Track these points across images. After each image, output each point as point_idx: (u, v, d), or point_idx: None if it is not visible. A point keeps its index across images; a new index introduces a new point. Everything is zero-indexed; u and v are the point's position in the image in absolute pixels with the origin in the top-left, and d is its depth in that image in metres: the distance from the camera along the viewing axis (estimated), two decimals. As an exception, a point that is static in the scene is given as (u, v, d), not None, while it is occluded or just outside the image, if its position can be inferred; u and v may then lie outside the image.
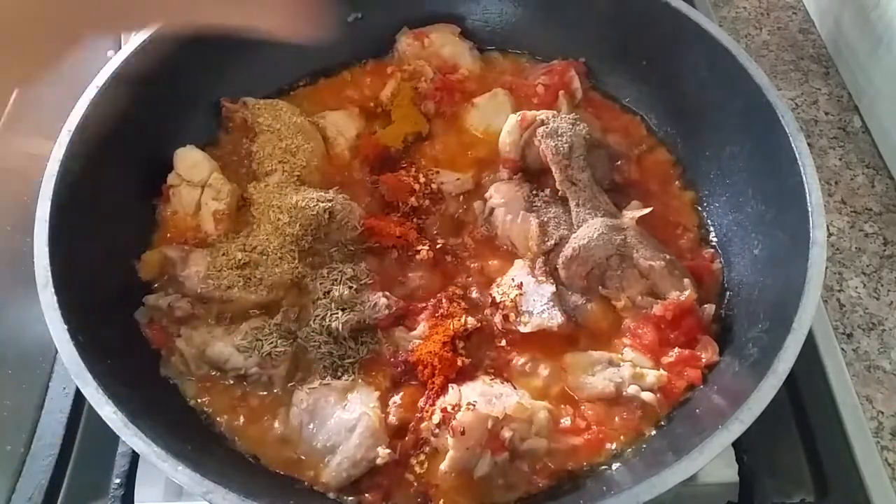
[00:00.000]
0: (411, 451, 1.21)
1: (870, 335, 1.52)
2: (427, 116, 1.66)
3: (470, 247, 1.47)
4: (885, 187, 1.76)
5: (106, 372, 1.08)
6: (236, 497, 0.96)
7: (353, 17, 1.74)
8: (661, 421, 1.24)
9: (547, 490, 1.19)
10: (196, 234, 1.45)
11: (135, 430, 1.01)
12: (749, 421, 1.01)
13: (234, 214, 1.46)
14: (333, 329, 1.28)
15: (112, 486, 1.23)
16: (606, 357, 1.29)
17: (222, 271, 1.33)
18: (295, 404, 1.24)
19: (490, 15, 1.78)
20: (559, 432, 1.22)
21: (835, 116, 1.90)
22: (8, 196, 1.60)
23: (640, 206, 1.45)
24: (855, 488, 1.26)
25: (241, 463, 1.22)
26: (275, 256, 1.35)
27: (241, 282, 1.33)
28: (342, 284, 1.33)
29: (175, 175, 1.46)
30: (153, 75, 1.43)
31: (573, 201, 1.43)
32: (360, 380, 1.27)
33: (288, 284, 1.36)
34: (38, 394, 1.37)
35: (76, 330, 1.10)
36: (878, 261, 1.64)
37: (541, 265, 1.38)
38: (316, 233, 1.38)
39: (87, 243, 1.27)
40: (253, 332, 1.28)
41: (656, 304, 1.31)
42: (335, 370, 1.28)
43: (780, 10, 2.17)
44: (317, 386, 1.25)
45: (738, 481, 1.23)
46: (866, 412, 1.40)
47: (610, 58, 1.69)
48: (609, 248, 1.35)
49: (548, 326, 1.30)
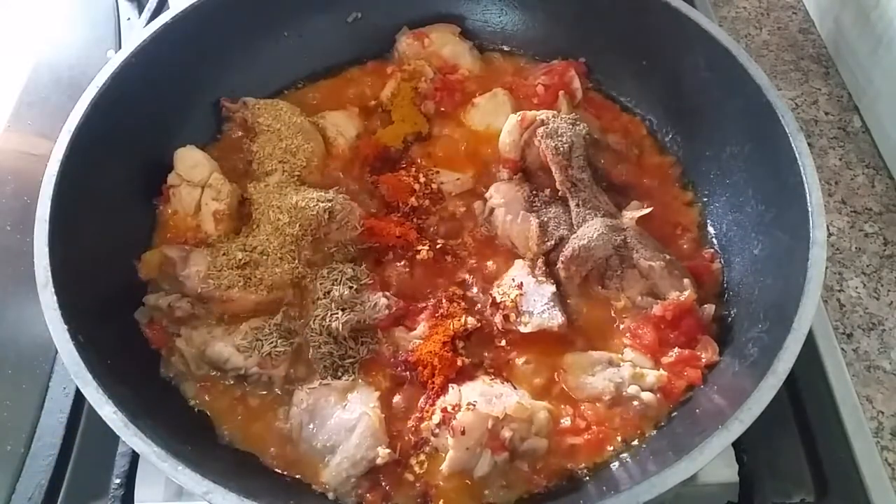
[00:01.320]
0: (411, 451, 1.21)
1: (870, 335, 1.52)
2: (427, 116, 1.66)
3: (470, 247, 1.47)
4: (885, 187, 1.76)
5: (106, 372, 1.08)
6: (236, 497, 0.96)
7: (353, 17, 1.74)
8: (661, 421, 1.24)
9: (547, 490, 1.19)
10: (196, 234, 1.45)
11: (135, 430, 1.01)
12: (749, 421, 1.01)
13: (234, 214, 1.46)
14: (333, 329, 1.28)
15: (112, 486, 1.23)
16: (606, 357, 1.29)
17: (222, 271, 1.33)
18: (295, 404, 1.24)
19: (490, 15, 1.78)
20: (559, 432, 1.22)
21: (835, 116, 1.90)
22: (8, 196, 1.60)
23: (639, 206, 1.45)
24: (855, 488, 1.26)
25: (241, 463, 1.22)
26: (275, 256, 1.35)
27: (241, 282, 1.33)
28: (342, 284, 1.33)
29: (175, 175, 1.46)
30: (153, 75, 1.44)
31: (573, 201, 1.43)
32: (360, 380, 1.27)
33: (288, 284, 1.36)
34: (38, 394, 1.37)
35: (76, 330, 1.10)
36: (878, 261, 1.64)
37: (541, 265, 1.38)
38: (316, 233, 1.38)
39: (87, 243, 1.27)
40: (253, 332, 1.28)
41: (656, 304, 1.31)
42: (335, 370, 1.28)
43: (780, 10, 2.17)
44: (317, 386, 1.25)
45: (738, 481, 1.23)
46: (866, 412, 1.40)
47: (610, 58, 1.69)
48: (609, 249, 1.35)
49: (548, 326, 1.30)
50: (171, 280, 1.36)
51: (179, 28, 1.47)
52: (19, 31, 2.02)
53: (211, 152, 1.53)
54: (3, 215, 1.55)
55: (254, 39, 1.64)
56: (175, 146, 1.48)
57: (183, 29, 1.47)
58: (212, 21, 1.53)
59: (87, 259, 1.25)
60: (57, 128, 1.29)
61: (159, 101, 1.48)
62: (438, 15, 1.77)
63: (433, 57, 1.72)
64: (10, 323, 1.46)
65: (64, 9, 2.09)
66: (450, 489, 1.17)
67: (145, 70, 1.42)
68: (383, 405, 1.24)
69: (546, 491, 1.19)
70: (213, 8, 1.52)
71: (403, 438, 1.22)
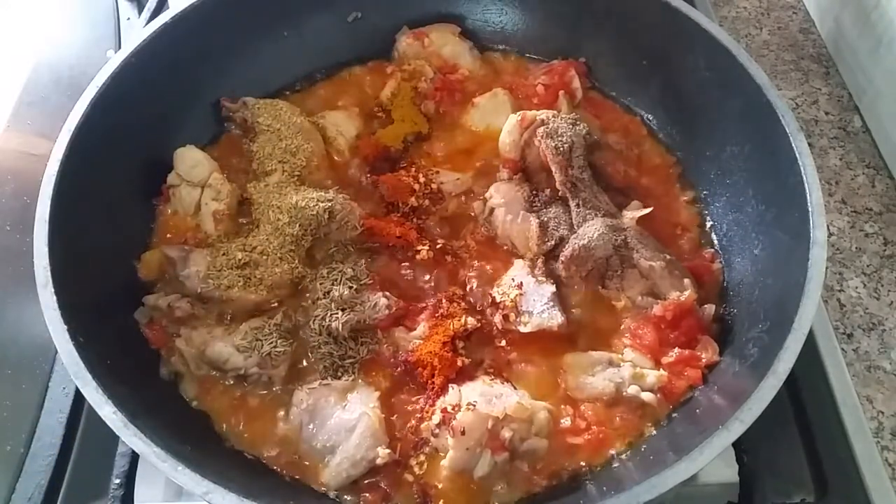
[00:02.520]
0: (411, 451, 1.21)
1: (870, 335, 1.52)
2: (427, 116, 1.66)
3: (471, 247, 1.47)
4: (886, 187, 1.76)
5: (106, 372, 1.08)
6: (236, 497, 0.96)
7: (353, 17, 1.74)
8: (662, 421, 1.24)
9: (547, 490, 1.19)
10: (196, 234, 1.45)
11: (135, 430, 1.01)
12: (749, 421, 1.01)
13: (233, 214, 1.46)
14: (333, 329, 1.28)
15: (112, 486, 1.23)
16: (606, 357, 1.29)
17: (222, 271, 1.33)
18: (295, 404, 1.24)
19: (490, 15, 1.78)
20: (559, 432, 1.22)
21: (835, 116, 1.90)
22: (8, 196, 1.60)
23: (640, 206, 1.45)
24: (855, 488, 1.26)
25: (241, 463, 1.22)
26: (275, 256, 1.35)
27: (241, 281, 1.33)
28: (342, 284, 1.33)
29: (175, 175, 1.46)
30: (153, 75, 1.44)
31: (573, 201, 1.43)
32: (361, 380, 1.27)
33: (288, 284, 1.36)
34: (38, 394, 1.37)
35: (76, 330, 1.10)
36: (879, 261, 1.63)
37: (540, 265, 1.38)
38: (316, 233, 1.38)
39: (87, 243, 1.27)
40: (253, 332, 1.28)
41: (656, 304, 1.31)
42: (335, 370, 1.28)
43: (781, 9, 2.17)
44: (317, 386, 1.25)
45: (738, 481, 1.23)
46: (866, 412, 1.40)
47: (610, 58, 1.69)
48: (609, 248, 1.35)
49: (548, 326, 1.30)
50: (171, 280, 1.36)
51: (179, 28, 1.47)
52: (19, 31, 2.02)
53: (211, 152, 1.53)
54: (3, 215, 1.55)
55: (254, 39, 1.64)
56: (175, 146, 1.48)
57: (183, 29, 1.47)
58: (212, 21, 1.53)
59: (87, 259, 1.25)
60: (57, 128, 1.29)
61: (159, 101, 1.48)
62: (438, 15, 1.77)
63: (433, 57, 1.72)
64: (10, 323, 1.46)
65: (64, 9, 2.09)
66: (450, 489, 1.17)
67: (145, 70, 1.42)
68: (383, 405, 1.24)
69: (546, 491, 1.19)
70: (212, 8, 1.52)
71: (403, 439, 1.22)
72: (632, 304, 1.35)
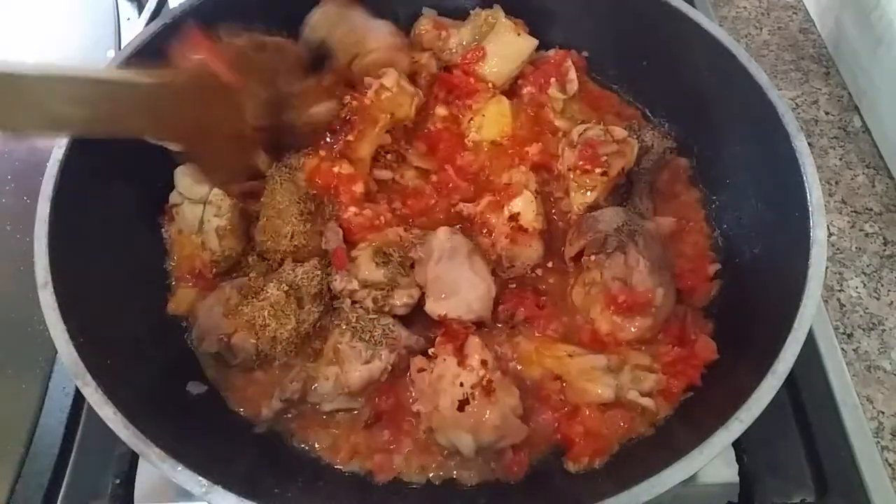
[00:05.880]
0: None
1: (870, 335, 1.52)
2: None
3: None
4: (886, 187, 1.76)
5: (106, 372, 1.08)
6: (235, 497, 0.97)
7: (353, 17, 1.73)
8: (661, 421, 1.24)
9: (547, 490, 1.19)
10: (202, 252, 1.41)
11: (135, 430, 1.02)
12: (749, 421, 1.01)
13: (235, 230, 1.42)
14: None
15: (112, 486, 1.23)
16: (605, 361, 1.27)
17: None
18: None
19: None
20: (560, 432, 1.23)
21: (835, 116, 1.90)
22: (8, 196, 1.60)
23: (672, 221, 1.45)
24: (855, 488, 1.25)
25: (241, 463, 1.22)
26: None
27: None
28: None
29: (177, 194, 1.44)
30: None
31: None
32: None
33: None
34: (38, 394, 1.38)
35: (76, 330, 1.10)
36: (879, 261, 1.63)
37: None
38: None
39: (87, 243, 1.27)
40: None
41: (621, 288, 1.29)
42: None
43: (781, 9, 2.17)
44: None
45: (738, 481, 1.23)
46: (866, 412, 1.40)
47: (610, 58, 1.69)
48: (612, 225, 1.33)
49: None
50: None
51: (179, 28, 1.46)
52: (19, 31, 2.02)
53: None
54: (3, 215, 1.55)
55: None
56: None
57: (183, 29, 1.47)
58: (212, 21, 1.52)
59: (86, 259, 1.25)
60: (57, 128, 1.29)
61: (159, 101, 1.48)
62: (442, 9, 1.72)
63: (445, 51, 1.66)
64: (10, 323, 1.46)
65: (64, 9, 2.09)
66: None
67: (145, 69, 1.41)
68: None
69: (546, 491, 1.19)
70: (212, 8, 1.52)
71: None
72: (601, 281, 1.31)
